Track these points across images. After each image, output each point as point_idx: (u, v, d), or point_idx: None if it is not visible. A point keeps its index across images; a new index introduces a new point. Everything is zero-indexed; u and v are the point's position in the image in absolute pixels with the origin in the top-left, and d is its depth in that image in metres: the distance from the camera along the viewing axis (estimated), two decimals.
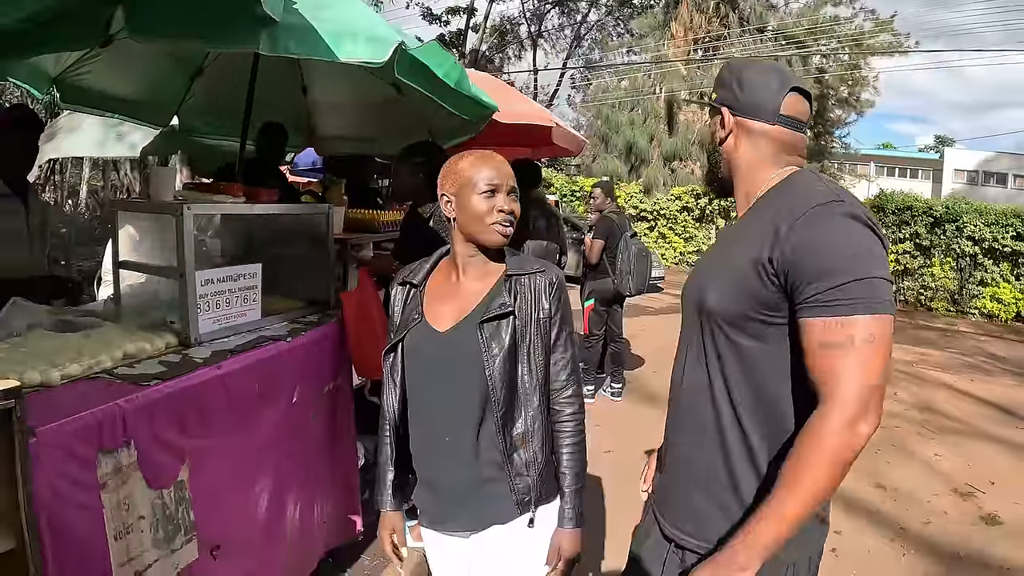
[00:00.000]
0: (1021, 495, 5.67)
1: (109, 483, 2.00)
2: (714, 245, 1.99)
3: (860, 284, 1.47)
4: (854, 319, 1.46)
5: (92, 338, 2.46)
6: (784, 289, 1.58)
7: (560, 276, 2.12)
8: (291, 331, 3.05)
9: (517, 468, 2.02)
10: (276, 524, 2.89)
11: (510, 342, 1.99)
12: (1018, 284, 15.93)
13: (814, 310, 1.50)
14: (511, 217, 2.03)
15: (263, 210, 3.18)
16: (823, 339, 1.49)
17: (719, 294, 1.70)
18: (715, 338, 1.73)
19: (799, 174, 1.77)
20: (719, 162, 1.90)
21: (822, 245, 1.51)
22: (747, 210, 1.82)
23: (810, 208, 1.55)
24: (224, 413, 2.51)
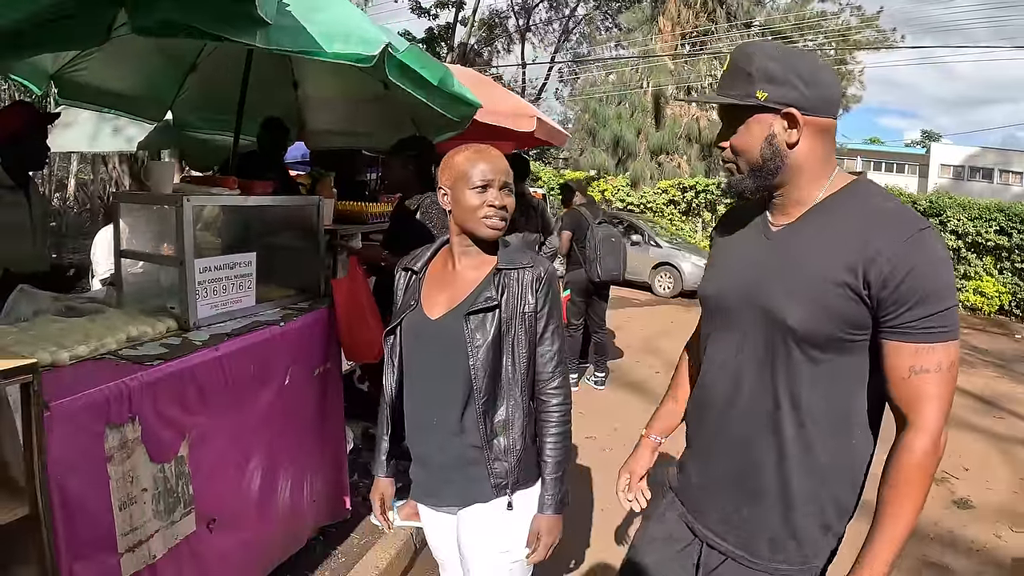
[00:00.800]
0: (994, 481, 5.82)
1: (115, 456, 2.13)
2: (766, 249, 1.83)
3: (949, 313, 1.53)
4: (942, 346, 1.53)
5: (97, 322, 2.58)
6: (874, 308, 1.58)
7: (550, 270, 2.17)
8: (284, 316, 3.18)
9: (496, 453, 2.10)
10: (268, 500, 3.02)
11: (494, 334, 2.07)
12: (1001, 278, 16.05)
13: (909, 335, 1.54)
14: (503, 212, 2.09)
15: (257, 202, 3.32)
16: (915, 364, 1.54)
17: (805, 313, 1.66)
18: (790, 354, 1.70)
19: (866, 184, 1.75)
20: (777, 167, 1.73)
21: (928, 273, 1.52)
22: (805, 215, 1.75)
23: (915, 232, 1.54)
24: (222, 393, 2.63)
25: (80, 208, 16.63)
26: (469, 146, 2.16)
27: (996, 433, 7.22)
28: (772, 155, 1.71)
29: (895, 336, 1.56)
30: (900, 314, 1.54)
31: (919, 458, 1.56)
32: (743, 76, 1.69)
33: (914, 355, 1.54)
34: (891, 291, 1.53)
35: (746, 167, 1.76)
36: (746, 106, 1.70)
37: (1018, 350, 12.94)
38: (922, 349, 1.53)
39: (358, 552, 3.68)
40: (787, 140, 1.68)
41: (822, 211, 1.72)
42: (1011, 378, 10.07)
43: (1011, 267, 15.97)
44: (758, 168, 1.74)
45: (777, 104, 1.66)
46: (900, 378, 1.57)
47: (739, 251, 1.93)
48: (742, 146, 1.73)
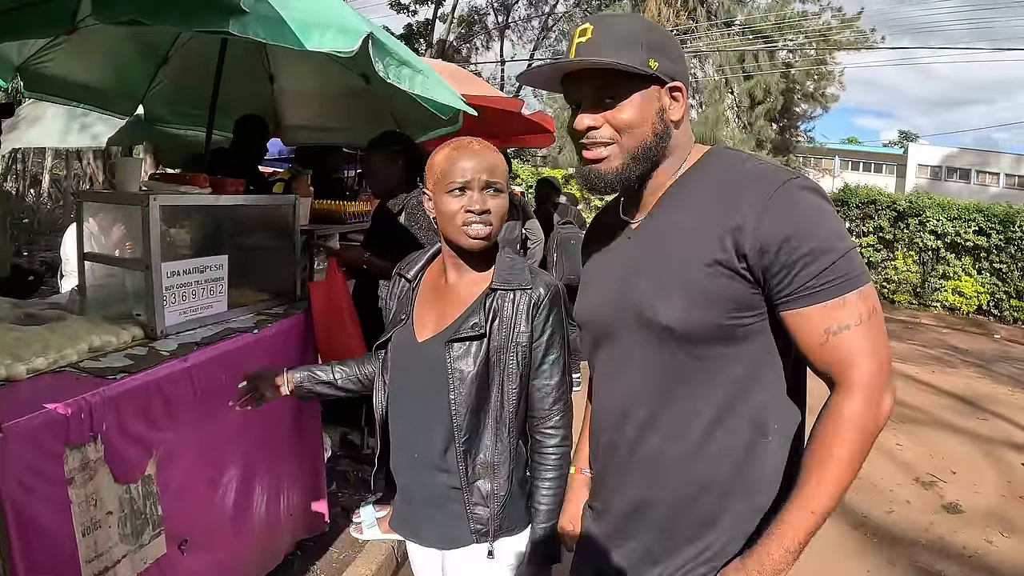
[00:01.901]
0: (982, 484, 5.80)
1: (76, 478, 1.99)
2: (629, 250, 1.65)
3: (846, 259, 1.35)
4: (852, 295, 1.35)
5: (57, 332, 2.44)
6: (759, 282, 1.41)
7: (551, 292, 1.93)
8: (258, 323, 3.05)
9: (477, 497, 1.90)
10: (243, 517, 2.89)
11: (480, 367, 1.86)
12: (979, 278, 16.18)
13: (811, 297, 1.36)
14: (487, 216, 1.87)
15: (229, 201, 3.16)
16: (829, 324, 1.36)
17: (679, 307, 1.47)
18: (675, 357, 1.51)
19: (719, 151, 1.60)
20: (663, 148, 1.56)
21: (805, 226, 1.36)
22: (660, 200, 1.59)
23: (776, 189, 1.39)
24: (191, 406, 2.50)
25: (54, 204, 16.49)
26: (452, 141, 1.94)
27: (981, 435, 7.22)
28: (664, 130, 1.54)
29: (796, 303, 1.39)
30: (792, 278, 1.37)
31: (849, 422, 1.35)
32: (630, 43, 1.48)
33: (825, 315, 1.36)
34: (773, 256, 1.37)
35: (631, 149, 1.53)
36: (634, 76, 1.48)
37: (997, 350, 13.07)
38: (831, 306, 1.36)
39: (338, 567, 3.58)
40: (672, 117, 1.54)
41: (676, 191, 1.58)
42: (992, 378, 10.15)
43: (989, 267, 16.09)
44: (647, 149, 1.54)
45: (665, 76, 1.50)
46: (818, 345, 1.39)
47: (604, 263, 1.73)
48: (629, 122, 1.50)
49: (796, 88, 27.64)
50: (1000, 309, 16.07)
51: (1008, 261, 15.83)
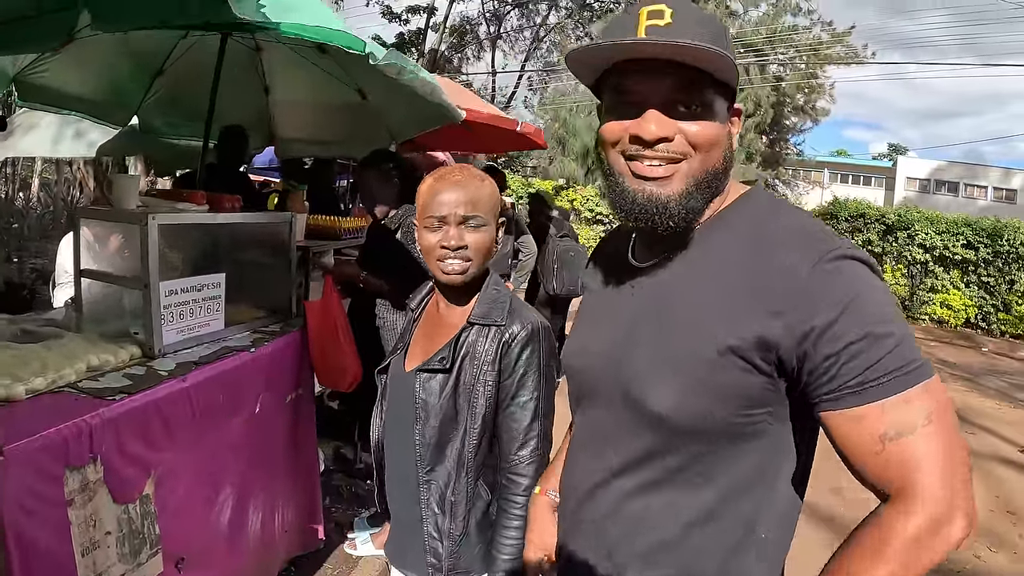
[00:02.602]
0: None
1: (76, 499, 1.99)
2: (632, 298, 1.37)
3: (906, 345, 1.07)
4: (917, 390, 1.06)
5: (55, 350, 2.43)
6: (792, 376, 1.15)
7: (527, 330, 1.84)
8: (254, 341, 3.05)
9: (432, 530, 1.88)
10: (239, 534, 2.89)
11: (445, 402, 1.83)
12: (968, 291, 16.30)
13: (863, 394, 1.07)
14: (463, 252, 1.81)
15: (227, 219, 3.16)
16: (887, 428, 1.07)
17: (676, 396, 1.21)
18: (666, 451, 1.26)
19: (759, 194, 1.32)
20: (723, 183, 1.29)
21: (855, 307, 1.08)
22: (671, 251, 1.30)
23: (819, 260, 1.11)
24: (189, 426, 2.50)
25: (43, 210, 16.40)
26: (437, 172, 1.89)
27: (969, 449, 7.09)
28: (731, 161, 1.28)
29: (842, 401, 1.10)
30: (838, 371, 1.08)
31: (907, 534, 1.05)
32: (721, 37, 1.18)
33: (882, 416, 1.07)
34: (812, 344, 1.09)
35: (698, 173, 1.23)
36: (717, 82, 1.20)
37: (985, 363, 13.15)
38: (891, 404, 1.06)
39: None
40: (734, 144, 1.30)
41: (702, 238, 1.28)
42: (980, 392, 10.22)
43: (977, 280, 16.21)
44: (712, 178, 1.25)
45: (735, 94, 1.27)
46: (872, 454, 1.09)
47: (601, 308, 1.47)
48: (711, 139, 1.21)
49: (786, 101, 27.85)
50: (988, 322, 16.19)
51: (996, 275, 15.95)
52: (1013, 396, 10.06)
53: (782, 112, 27.94)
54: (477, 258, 1.83)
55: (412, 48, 32.39)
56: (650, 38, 1.13)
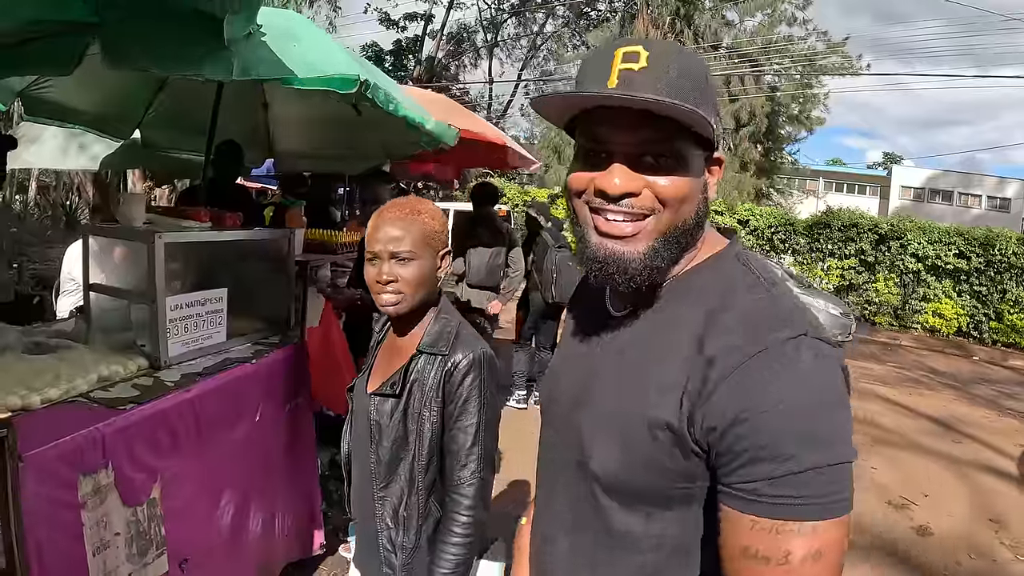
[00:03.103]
0: (953, 507, 5.90)
1: (89, 502, 2.11)
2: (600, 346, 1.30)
3: (819, 475, 0.96)
4: (798, 526, 0.97)
5: (67, 361, 2.56)
6: (705, 455, 1.07)
7: (470, 359, 1.94)
8: (255, 352, 3.19)
9: (388, 544, 1.98)
10: (240, 537, 3.00)
11: (397, 424, 1.95)
12: (960, 300, 16.37)
13: (741, 501, 1.01)
14: (394, 285, 1.91)
15: (229, 237, 3.31)
16: (749, 544, 1.00)
17: (611, 458, 1.17)
18: (600, 507, 1.21)
19: (733, 255, 1.22)
20: (696, 238, 1.21)
21: (780, 410, 0.98)
22: (640, 308, 1.23)
23: (772, 344, 1.01)
24: (193, 434, 2.62)
25: (41, 214, 16.39)
26: (387, 205, 2.01)
27: (955, 457, 7.33)
28: (705, 215, 1.19)
29: (728, 499, 1.03)
30: (732, 469, 1.02)
31: None
32: (698, 88, 1.11)
33: (750, 533, 1.00)
34: (720, 434, 1.02)
35: (666, 230, 1.14)
36: (692, 134, 1.11)
37: (975, 371, 13.22)
38: (760, 526, 0.99)
39: None
40: (711, 195, 1.20)
41: (670, 295, 1.21)
42: (969, 400, 10.29)
43: (969, 290, 16.28)
44: (682, 235, 1.16)
45: (714, 145, 1.17)
46: (729, 556, 1.05)
47: (574, 350, 1.39)
48: (680, 196, 1.12)
49: (781, 111, 27.83)
50: (980, 331, 16.25)
51: (988, 284, 16.01)
52: (1002, 405, 10.12)
53: (777, 121, 27.94)
54: (408, 290, 1.92)
55: (409, 55, 32.45)
56: (616, 91, 1.06)
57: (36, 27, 2.67)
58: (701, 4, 26.78)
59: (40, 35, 2.71)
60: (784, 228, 18.43)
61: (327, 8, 27.02)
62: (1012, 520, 5.72)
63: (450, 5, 31.54)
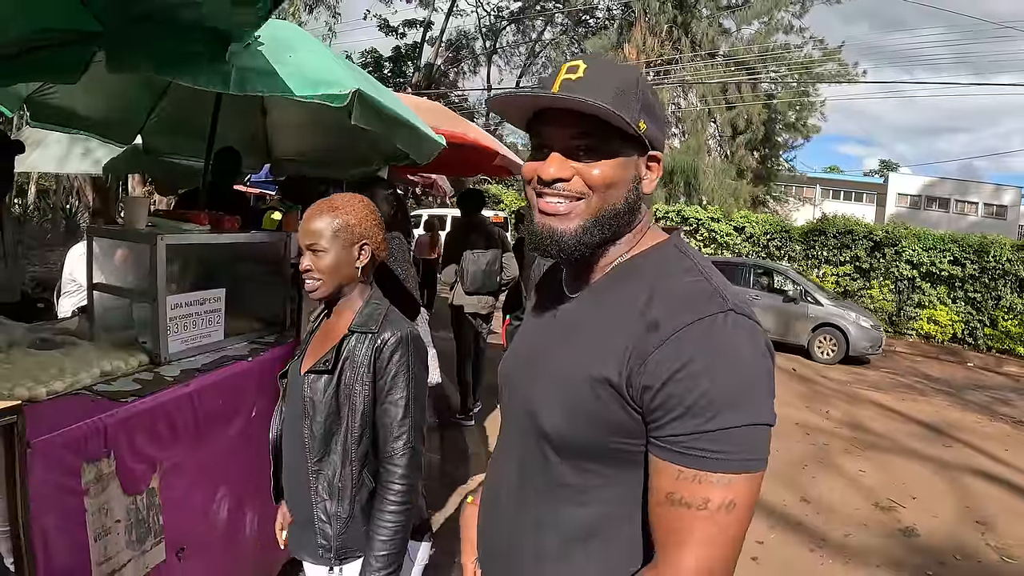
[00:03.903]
0: (940, 509, 6.02)
1: (91, 489, 2.20)
2: (552, 323, 1.47)
3: (738, 433, 1.12)
4: (717, 477, 1.12)
5: (72, 356, 2.67)
6: (641, 413, 1.20)
7: (397, 337, 2.13)
8: (251, 351, 3.29)
9: (321, 516, 2.12)
10: (237, 529, 3.10)
11: (329, 399, 2.10)
12: (954, 307, 16.47)
13: (669, 453, 1.15)
14: (311, 274, 2.13)
15: (228, 239, 3.42)
16: (673, 491, 1.15)
17: (559, 416, 1.30)
18: (549, 466, 1.35)
19: (674, 246, 1.38)
20: (629, 220, 1.37)
21: (705, 372, 1.12)
22: (599, 280, 1.40)
23: (702, 316, 1.16)
24: (191, 427, 2.71)
25: (41, 218, 16.45)
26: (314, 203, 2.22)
27: (944, 461, 7.44)
28: (636, 201, 1.35)
29: (657, 451, 1.18)
30: (661, 422, 1.16)
31: None
32: (625, 94, 1.28)
33: (675, 481, 1.15)
34: (654, 392, 1.16)
35: (597, 211, 1.32)
36: (618, 132, 1.28)
37: (969, 377, 13.31)
38: (686, 475, 1.13)
39: None
40: (645, 189, 1.36)
41: (616, 277, 1.37)
42: (961, 406, 10.39)
43: (964, 296, 16.41)
44: (613, 217, 1.33)
45: (649, 141, 1.33)
46: (656, 502, 1.19)
47: (531, 329, 1.58)
48: (606, 181, 1.30)
49: (778, 118, 27.89)
50: (975, 337, 16.36)
51: (982, 290, 16.14)
52: (994, 410, 10.21)
53: (773, 129, 28.03)
54: (325, 277, 2.13)
55: (408, 62, 32.51)
56: (554, 93, 1.27)
57: (43, 36, 2.77)
58: (698, 12, 26.88)
59: (47, 44, 2.80)
60: (780, 235, 18.54)
61: (326, 14, 27.13)
62: (999, 522, 5.82)
63: (449, 12, 31.65)
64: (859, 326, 13.60)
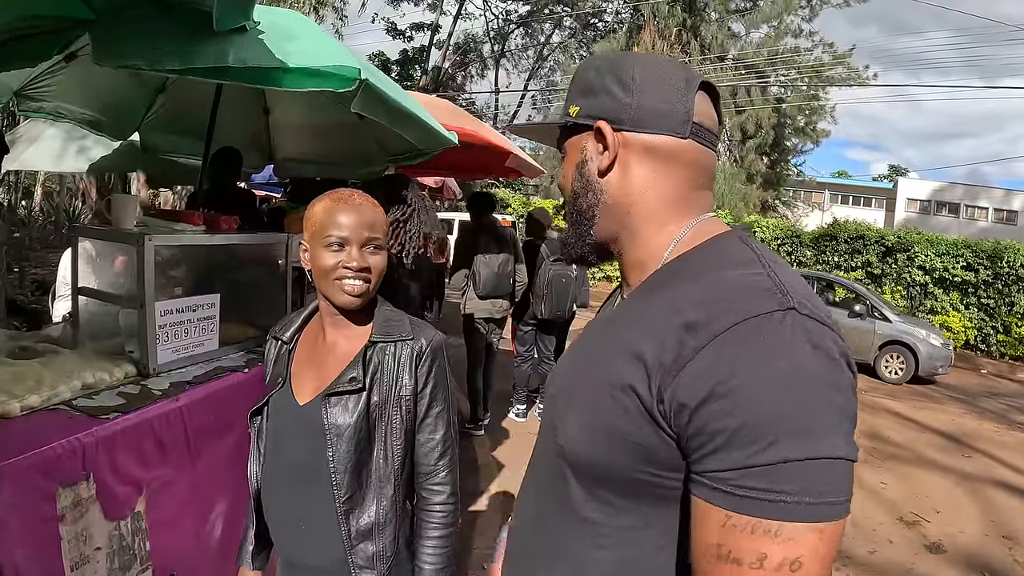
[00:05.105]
0: (965, 523, 5.85)
1: (68, 516, 2.01)
2: (598, 331, 1.25)
3: (799, 468, 0.84)
4: (776, 527, 0.84)
5: (51, 367, 2.46)
6: (676, 438, 0.95)
7: (435, 342, 1.87)
8: (248, 361, 3.08)
9: (361, 561, 1.79)
10: (231, 551, 2.87)
11: (359, 422, 1.76)
12: (967, 313, 16.36)
13: (713, 492, 0.89)
14: (365, 274, 1.78)
15: (223, 240, 3.21)
16: (720, 542, 0.88)
17: (577, 430, 1.09)
18: (569, 493, 1.12)
19: (731, 240, 1.12)
20: (591, 207, 1.21)
21: (742, 387, 0.87)
22: (637, 289, 1.17)
23: (751, 316, 0.90)
24: (181, 444, 2.52)
25: (45, 219, 16.44)
26: (330, 193, 1.84)
27: (965, 472, 7.29)
28: (583, 189, 1.21)
29: (701, 489, 0.91)
30: (704, 454, 0.90)
31: None
32: (567, 95, 1.26)
33: (720, 528, 0.88)
34: (691, 413, 0.90)
35: (569, 213, 1.26)
36: (564, 131, 1.24)
37: (983, 384, 13.23)
38: (734, 523, 0.87)
39: None
40: (599, 166, 1.18)
41: (665, 273, 1.13)
42: (977, 414, 10.30)
43: (977, 302, 16.28)
44: (572, 210, 1.24)
45: (588, 118, 1.18)
46: (699, 555, 0.92)
47: (584, 337, 1.31)
48: (561, 184, 1.26)
49: (787, 122, 27.86)
50: (988, 344, 16.26)
51: (996, 296, 16.03)
52: (1011, 419, 10.11)
53: (783, 133, 27.98)
54: (376, 280, 1.82)
55: (416, 65, 32.56)
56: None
57: (33, 23, 2.60)
58: (707, 16, 26.83)
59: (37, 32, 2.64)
60: (790, 240, 18.46)
61: (333, 16, 27.08)
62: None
63: (457, 15, 31.68)
64: (929, 344, 12.81)
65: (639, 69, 1.15)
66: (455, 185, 13.68)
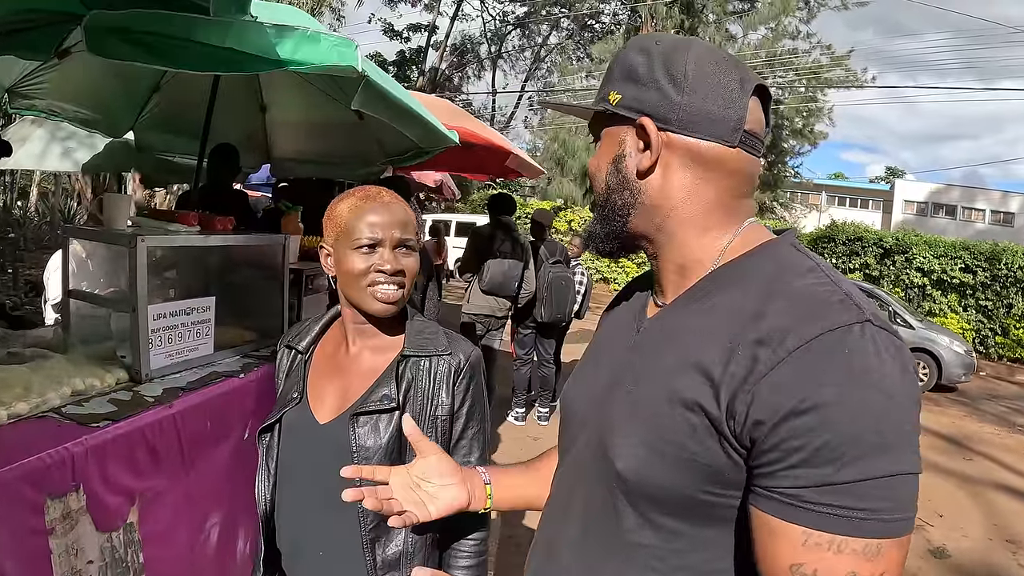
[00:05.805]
0: (969, 528, 5.84)
1: (57, 528, 1.94)
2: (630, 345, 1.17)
3: (884, 485, 0.82)
4: (863, 544, 0.82)
5: (40, 373, 2.37)
6: (746, 453, 0.91)
7: (471, 359, 1.72)
8: (244, 366, 3.00)
9: None
10: (227, 562, 2.83)
11: (391, 443, 1.60)
12: (965, 315, 16.36)
13: (790, 509, 0.85)
14: (399, 278, 1.64)
15: (218, 241, 3.12)
16: (799, 561, 0.85)
17: (638, 454, 1.01)
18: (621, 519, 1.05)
19: (784, 246, 1.07)
20: (626, 206, 1.13)
21: (840, 404, 0.83)
22: (687, 291, 1.11)
23: (832, 328, 0.86)
24: (175, 452, 2.44)
25: (40, 220, 16.42)
26: (357, 191, 1.71)
27: (967, 476, 7.28)
28: (619, 185, 1.13)
29: (769, 505, 0.88)
30: (779, 470, 0.86)
31: None
32: (607, 76, 1.16)
33: (799, 547, 0.85)
34: (769, 428, 0.86)
35: (597, 203, 1.19)
36: (602, 117, 1.16)
37: (982, 387, 13.22)
38: (815, 540, 0.84)
39: None
40: (638, 165, 1.10)
41: (716, 279, 1.07)
42: (978, 416, 10.31)
43: (975, 304, 16.28)
44: (603, 206, 1.17)
45: (630, 111, 1.10)
46: (771, 573, 0.89)
47: (605, 349, 1.29)
48: (591, 171, 1.20)
49: (785, 124, 27.88)
50: (986, 346, 16.27)
51: (994, 298, 16.05)
52: (1012, 421, 10.13)
53: (780, 135, 28.00)
54: (410, 284, 1.69)
55: (413, 66, 32.57)
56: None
57: (28, 16, 2.56)
58: (705, 17, 26.82)
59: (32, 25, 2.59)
60: None
61: (330, 17, 27.05)
62: None
63: (454, 16, 31.65)
64: (952, 351, 12.46)
65: (693, 64, 1.06)
66: (453, 185, 13.62)
